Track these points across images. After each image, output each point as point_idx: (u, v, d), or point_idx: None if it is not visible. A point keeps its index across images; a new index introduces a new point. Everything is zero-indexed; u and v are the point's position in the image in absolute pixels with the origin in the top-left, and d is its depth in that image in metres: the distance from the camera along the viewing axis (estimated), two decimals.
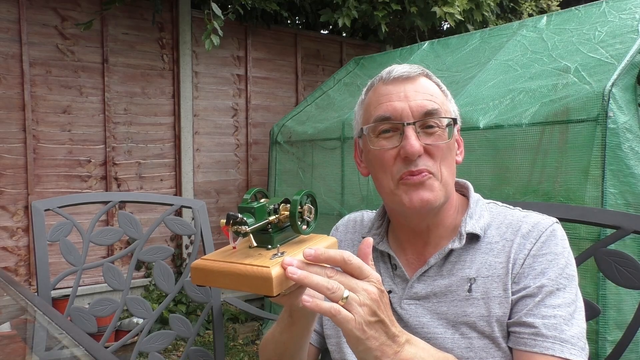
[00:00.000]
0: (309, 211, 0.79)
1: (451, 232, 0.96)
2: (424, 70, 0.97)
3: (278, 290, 0.67)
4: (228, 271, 0.70)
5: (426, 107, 0.90)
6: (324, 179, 3.89)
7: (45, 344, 1.14)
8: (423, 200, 0.89)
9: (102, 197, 1.81)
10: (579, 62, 2.65)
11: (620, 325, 2.18)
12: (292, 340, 0.92)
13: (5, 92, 3.74)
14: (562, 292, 0.86)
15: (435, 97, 0.93)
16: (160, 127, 4.40)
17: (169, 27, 4.42)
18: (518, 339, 0.85)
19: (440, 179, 0.91)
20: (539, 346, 0.82)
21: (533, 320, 0.84)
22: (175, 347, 3.92)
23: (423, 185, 0.89)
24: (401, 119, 0.90)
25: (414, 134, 0.89)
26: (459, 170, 0.99)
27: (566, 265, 0.88)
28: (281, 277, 0.68)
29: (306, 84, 5.19)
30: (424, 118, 0.90)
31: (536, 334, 0.83)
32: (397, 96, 0.92)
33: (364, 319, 0.69)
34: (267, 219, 0.74)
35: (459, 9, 4.77)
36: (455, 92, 3.09)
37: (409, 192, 0.90)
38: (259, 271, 0.67)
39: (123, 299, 1.56)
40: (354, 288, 0.70)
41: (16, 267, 3.81)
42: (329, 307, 0.68)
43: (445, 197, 0.92)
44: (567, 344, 0.82)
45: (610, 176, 2.27)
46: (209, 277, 0.73)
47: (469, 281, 0.90)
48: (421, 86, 0.93)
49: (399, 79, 0.93)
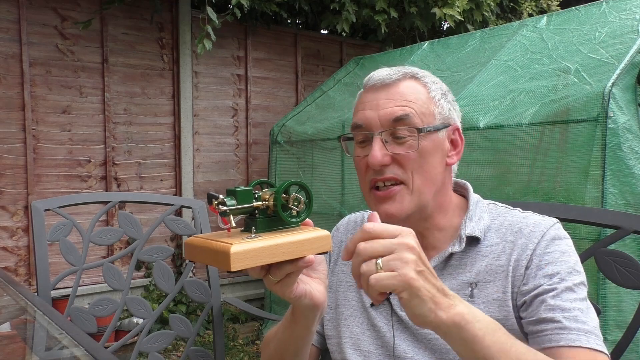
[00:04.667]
0: (296, 200, 0.79)
1: (451, 235, 0.96)
2: (410, 71, 0.94)
3: (236, 267, 0.70)
4: (204, 247, 0.76)
5: (395, 114, 0.89)
6: (324, 179, 3.89)
7: (45, 344, 1.14)
8: (387, 213, 0.90)
9: (102, 197, 1.81)
10: (579, 63, 2.65)
11: (620, 325, 2.18)
12: (294, 339, 0.92)
13: (5, 92, 3.74)
14: (577, 289, 0.85)
15: (411, 103, 0.90)
16: (160, 127, 4.40)
17: (168, 27, 4.42)
18: (541, 337, 0.83)
19: (412, 189, 0.90)
20: (564, 339, 0.80)
21: (554, 315, 0.82)
22: (175, 347, 3.92)
23: (390, 198, 0.90)
24: (370, 129, 0.91)
25: (379, 143, 0.89)
26: (459, 171, 0.98)
27: (575, 262, 0.88)
28: (242, 255, 0.71)
29: (306, 84, 5.19)
30: (391, 127, 0.90)
31: (560, 328, 0.81)
32: (370, 104, 0.92)
33: (407, 270, 0.68)
34: (252, 204, 0.76)
35: (458, 10, 4.77)
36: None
37: (376, 204, 0.92)
38: (222, 247, 0.72)
39: (123, 299, 1.56)
40: (388, 249, 0.70)
41: (16, 267, 3.80)
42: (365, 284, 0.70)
43: (418, 206, 0.91)
44: (591, 334, 0.81)
45: (610, 176, 2.27)
46: (194, 253, 0.78)
47: (470, 286, 0.90)
48: (396, 92, 0.91)
49: (374, 87, 0.94)
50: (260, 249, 0.72)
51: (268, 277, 0.77)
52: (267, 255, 0.73)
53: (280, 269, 0.75)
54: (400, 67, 0.96)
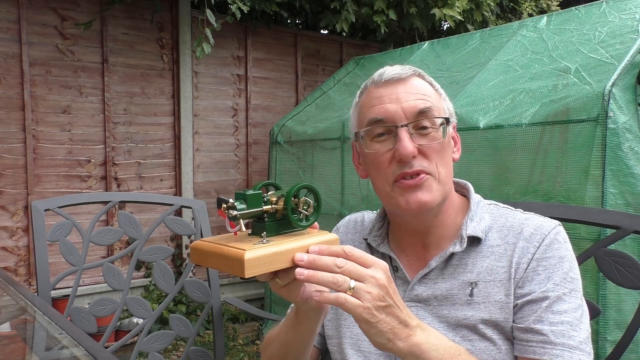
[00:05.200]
0: (306, 204, 0.79)
1: (452, 234, 0.96)
2: (416, 70, 0.96)
3: (250, 273, 0.70)
4: (214, 252, 0.74)
5: (418, 107, 0.90)
6: (324, 179, 3.89)
7: (45, 344, 1.14)
8: (420, 202, 0.89)
9: (102, 197, 1.81)
10: (579, 63, 2.65)
11: (620, 325, 2.18)
12: (297, 340, 0.92)
13: (5, 92, 3.74)
14: (569, 297, 0.86)
15: (428, 97, 0.93)
16: (160, 127, 4.40)
17: (168, 27, 4.42)
18: (526, 346, 0.85)
19: (439, 179, 0.91)
20: (548, 354, 0.82)
21: (541, 327, 0.84)
22: (175, 347, 3.92)
23: (420, 187, 0.89)
24: (394, 121, 0.91)
25: (407, 135, 0.89)
26: (458, 171, 0.99)
27: (570, 268, 0.88)
28: (255, 261, 0.70)
29: (306, 84, 5.19)
30: (416, 119, 0.90)
31: (545, 342, 0.83)
32: (389, 98, 0.92)
33: (372, 304, 0.72)
34: (261, 208, 0.76)
35: (458, 10, 4.77)
36: (455, 92, 3.09)
37: (405, 194, 0.90)
38: (234, 253, 0.71)
39: (123, 299, 1.56)
40: (362, 276, 0.73)
41: (16, 267, 3.80)
42: (335, 297, 0.72)
43: (443, 196, 0.92)
44: (575, 350, 0.82)
45: (610, 176, 2.27)
46: (201, 257, 0.77)
47: (470, 285, 0.90)
48: (413, 86, 0.93)
49: (391, 81, 0.93)
50: (273, 255, 0.72)
51: (275, 280, 0.77)
52: (279, 261, 0.72)
53: (288, 273, 0.75)
54: (406, 65, 0.98)
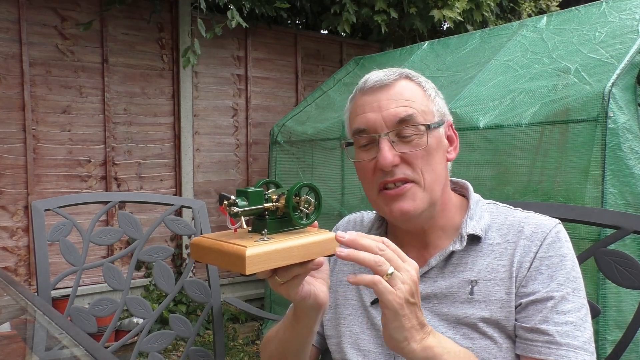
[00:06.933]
0: (307, 203, 0.79)
1: (451, 233, 0.96)
2: (403, 72, 0.95)
3: (251, 270, 0.70)
4: (215, 248, 0.74)
5: (399, 115, 0.90)
6: (324, 179, 3.89)
7: (45, 344, 1.14)
8: (403, 211, 0.90)
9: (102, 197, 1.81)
10: (579, 63, 2.65)
11: (620, 325, 2.18)
12: (295, 339, 0.92)
13: (5, 92, 3.74)
14: (572, 297, 0.86)
15: (412, 102, 0.91)
16: (160, 127, 4.40)
17: (168, 27, 4.42)
18: (530, 346, 0.85)
19: (424, 186, 0.91)
20: (553, 354, 0.83)
21: (547, 327, 0.84)
22: (175, 347, 3.92)
23: (403, 196, 0.90)
24: (375, 131, 0.91)
25: (388, 144, 0.89)
26: (458, 171, 0.99)
27: (572, 267, 0.88)
28: (256, 258, 0.70)
29: (306, 84, 5.19)
30: (397, 127, 0.90)
31: (550, 342, 0.83)
32: (371, 107, 0.92)
33: (404, 296, 0.72)
34: (263, 205, 0.76)
35: (458, 11, 4.77)
36: (455, 92, 3.09)
37: (389, 204, 0.91)
38: (235, 249, 0.71)
39: (123, 299, 1.56)
40: (399, 267, 0.73)
41: (16, 267, 3.80)
42: (371, 278, 0.72)
43: (430, 202, 0.92)
44: (580, 350, 0.83)
45: (610, 176, 2.27)
46: (201, 253, 0.77)
47: (470, 283, 0.90)
48: (396, 92, 0.92)
49: (373, 88, 0.93)
50: (274, 252, 0.72)
51: (274, 278, 0.77)
52: (280, 258, 0.72)
53: (288, 271, 0.75)
54: (393, 69, 0.96)
